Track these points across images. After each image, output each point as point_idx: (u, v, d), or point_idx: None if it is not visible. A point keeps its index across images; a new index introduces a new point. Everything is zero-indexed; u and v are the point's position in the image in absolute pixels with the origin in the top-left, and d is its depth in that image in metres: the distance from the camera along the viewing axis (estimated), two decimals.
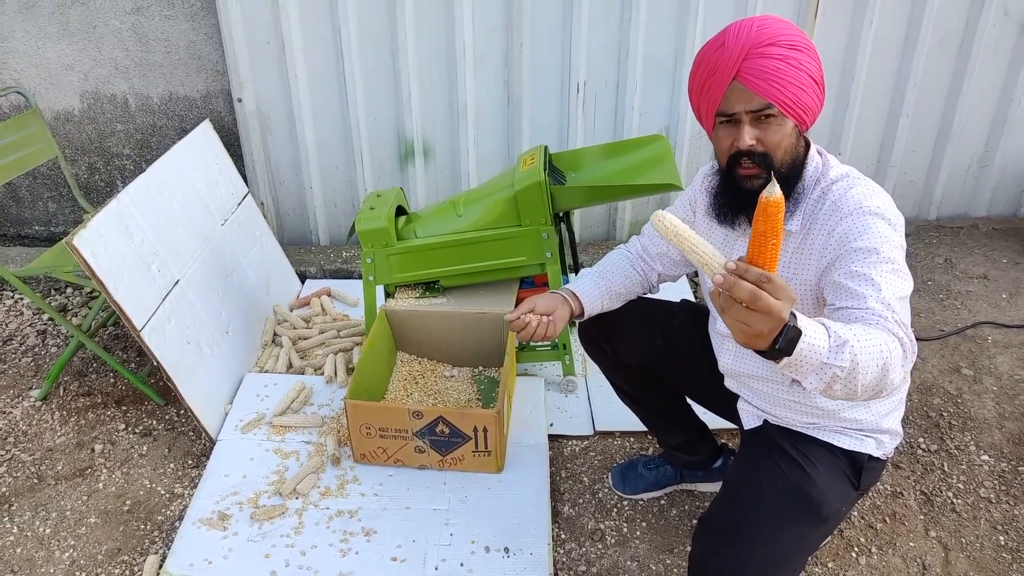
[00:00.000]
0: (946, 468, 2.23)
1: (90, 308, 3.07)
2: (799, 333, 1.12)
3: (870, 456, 1.56)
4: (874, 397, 1.26)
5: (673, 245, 1.78)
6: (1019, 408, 2.44)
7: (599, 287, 1.81)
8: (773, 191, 1.05)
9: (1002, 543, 2.00)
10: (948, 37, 3.16)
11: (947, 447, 2.30)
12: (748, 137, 1.40)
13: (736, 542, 1.44)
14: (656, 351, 1.83)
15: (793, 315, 1.13)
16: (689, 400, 2.01)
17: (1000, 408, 2.44)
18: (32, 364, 2.76)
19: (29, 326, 2.97)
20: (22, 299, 3.12)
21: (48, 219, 3.52)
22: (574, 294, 1.79)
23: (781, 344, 1.11)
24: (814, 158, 1.50)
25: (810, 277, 1.47)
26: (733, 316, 1.10)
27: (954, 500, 2.12)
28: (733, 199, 1.50)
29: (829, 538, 1.99)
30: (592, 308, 1.80)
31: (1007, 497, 2.13)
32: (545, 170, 2.23)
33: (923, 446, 2.30)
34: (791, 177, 1.47)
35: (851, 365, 1.16)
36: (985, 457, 2.26)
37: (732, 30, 1.42)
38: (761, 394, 1.65)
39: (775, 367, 1.18)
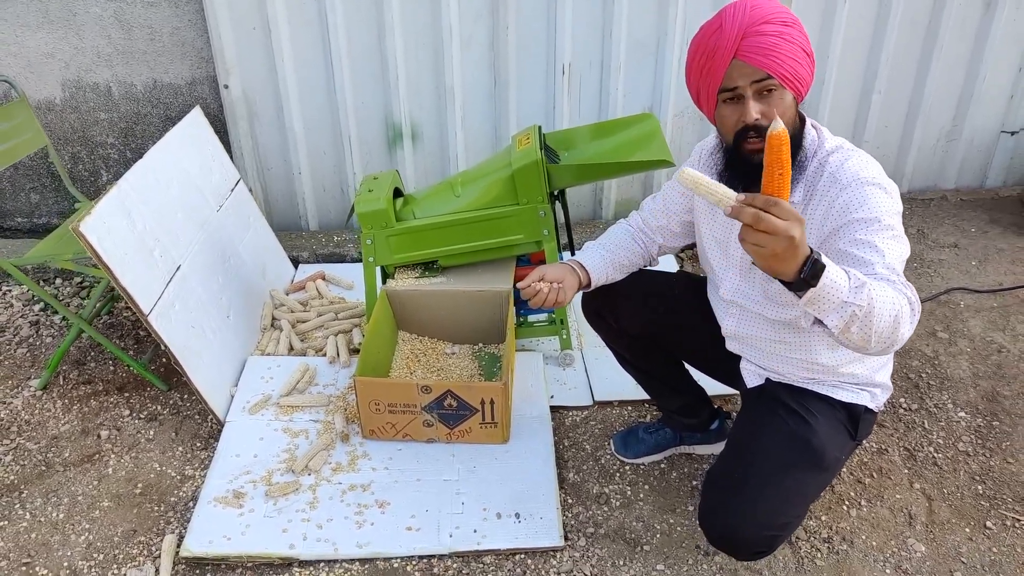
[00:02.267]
0: (926, 425, 2.35)
1: (81, 299, 3.07)
2: (823, 267, 1.24)
3: (866, 408, 1.67)
4: (885, 351, 1.36)
5: (676, 217, 1.87)
6: (991, 367, 2.58)
7: (604, 258, 1.88)
8: (777, 126, 1.18)
9: (980, 492, 2.12)
10: (917, 16, 3.28)
11: (927, 406, 2.42)
12: (754, 111, 1.47)
13: (743, 491, 1.54)
14: (657, 320, 1.91)
15: (817, 253, 1.25)
16: (688, 366, 2.10)
17: (974, 368, 2.58)
18: (28, 355, 2.76)
19: (21, 317, 2.96)
20: (11, 290, 3.11)
21: (31, 210, 3.49)
22: (581, 264, 1.87)
23: (807, 273, 1.24)
24: (810, 131, 1.59)
25: (811, 243, 1.55)
26: (748, 240, 1.23)
27: (935, 454, 2.25)
28: (742, 174, 1.55)
29: (827, 488, 2.10)
30: (598, 278, 1.88)
31: (983, 450, 2.26)
32: (541, 149, 2.29)
33: (904, 405, 2.42)
34: (796, 148, 1.54)
35: (868, 306, 1.28)
36: (962, 414, 2.39)
37: (727, 13, 1.49)
38: (764, 352, 1.74)
39: (799, 304, 1.29)
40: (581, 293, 1.99)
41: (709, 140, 1.78)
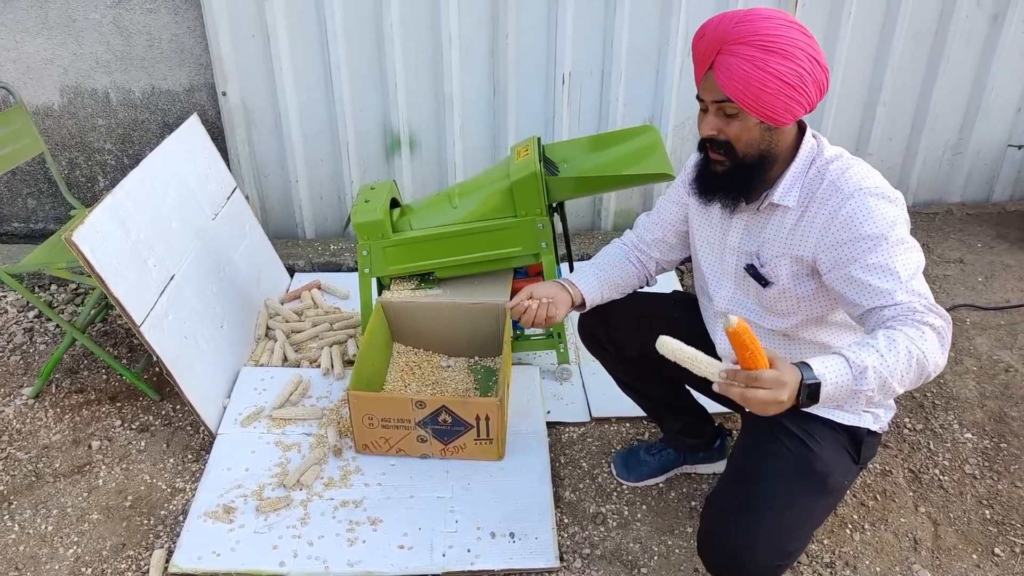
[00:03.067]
0: (932, 446, 2.30)
1: (76, 305, 3.04)
2: (819, 385, 1.27)
3: (868, 430, 1.62)
4: (924, 382, 1.38)
5: (671, 228, 1.84)
6: (998, 387, 2.53)
7: (597, 277, 1.85)
8: (730, 321, 1.22)
9: (988, 517, 2.08)
10: (923, 28, 3.24)
11: (932, 426, 2.38)
12: (707, 127, 1.48)
13: (746, 518, 1.49)
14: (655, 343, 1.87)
15: (808, 366, 1.28)
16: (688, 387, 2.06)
17: (981, 387, 2.53)
18: (21, 362, 2.73)
19: (15, 324, 2.93)
20: (5, 296, 3.08)
21: (28, 216, 3.47)
22: (572, 283, 1.83)
23: (803, 402, 1.27)
24: (809, 140, 1.55)
25: (807, 252, 1.53)
26: (740, 402, 1.26)
27: (941, 477, 2.20)
28: (706, 183, 1.59)
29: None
30: (592, 298, 1.84)
31: (990, 473, 2.21)
32: (540, 161, 2.26)
33: (909, 425, 2.38)
34: (759, 166, 1.51)
35: (879, 383, 1.30)
36: (968, 435, 2.35)
37: (713, 22, 1.46)
38: None
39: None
40: (578, 316, 1.98)
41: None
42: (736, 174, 1.53)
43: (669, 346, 1.31)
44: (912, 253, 1.42)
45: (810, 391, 1.26)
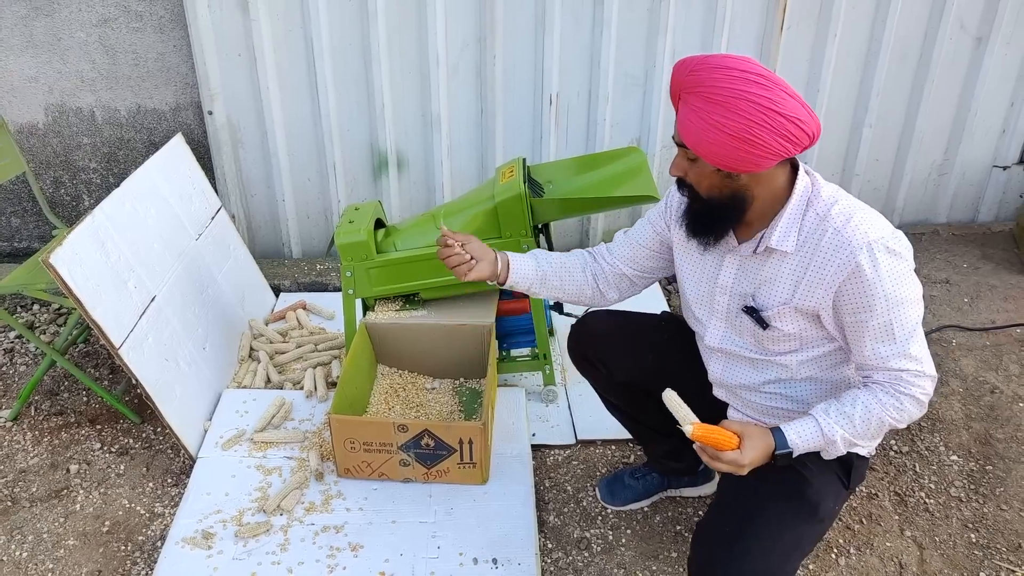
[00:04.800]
0: (918, 469, 2.29)
1: (59, 325, 3.01)
2: (790, 454, 1.47)
3: (858, 456, 1.61)
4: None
5: (643, 249, 1.82)
6: (984, 409, 2.53)
7: (538, 269, 1.81)
8: (686, 429, 1.45)
9: (974, 540, 2.06)
10: (908, 50, 3.26)
11: (918, 448, 2.37)
12: (674, 167, 1.53)
13: (737, 547, 1.47)
14: (647, 367, 1.85)
15: (781, 433, 1.47)
16: None
17: (967, 409, 2.53)
18: (0, 384, 2.70)
19: None
20: None
21: (11, 235, 3.44)
22: (508, 263, 1.78)
23: (779, 464, 1.48)
24: (803, 178, 1.50)
25: (814, 303, 1.50)
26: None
27: (927, 500, 2.19)
28: (687, 217, 1.61)
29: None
30: (516, 281, 1.79)
31: (976, 496, 2.20)
32: (525, 182, 2.25)
33: (895, 448, 2.37)
34: (728, 209, 1.50)
35: (846, 446, 1.49)
36: (954, 457, 2.34)
37: (677, 66, 1.45)
38: (750, 404, 1.69)
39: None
40: (567, 336, 1.99)
41: None
42: (705, 214, 1.53)
43: (671, 401, 1.49)
44: (913, 309, 1.45)
45: (783, 458, 1.47)
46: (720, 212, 1.51)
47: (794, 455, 1.46)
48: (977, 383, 2.64)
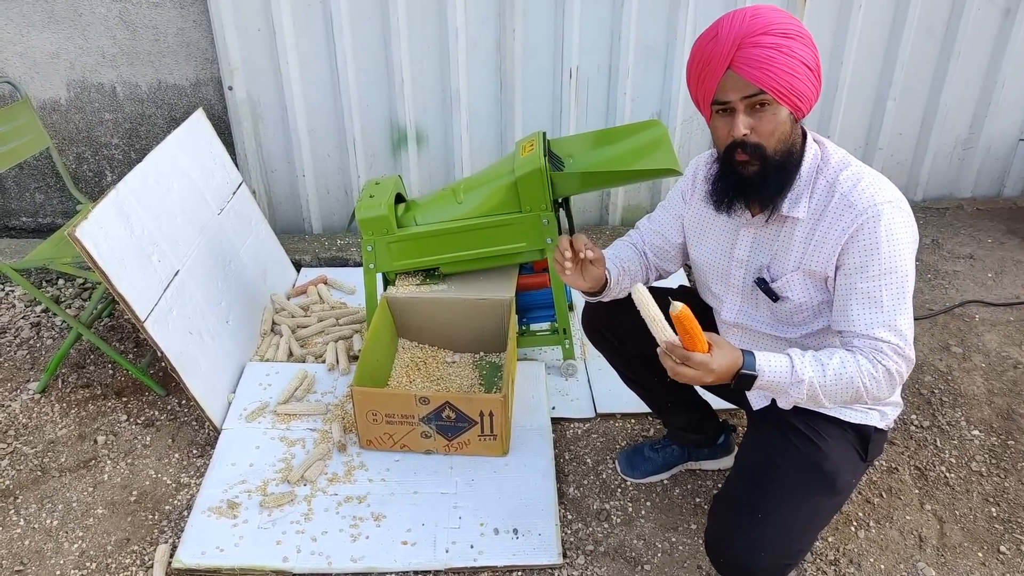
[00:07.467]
0: (939, 443, 2.29)
1: (83, 300, 3.05)
2: (753, 378, 1.41)
3: (875, 428, 1.61)
4: (855, 404, 1.53)
5: (671, 239, 1.81)
6: (1007, 384, 2.51)
7: (616, 264, 1.80)
8: (675, 307, 1.35)
9: (994, 514, 2.06)
10: (934, 22, 3.21)
11: (939, 423, 2.36)
12: (742, 126, 1.43)
13: (755, 518, 1.48)
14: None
15: (752, 356, 1.41)
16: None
17: (989, 384, 2.51)
18: (28, 357, 2.74)
19: (23, 318, 2.95)
20: (13, 291, 3.09)
21: (36, 210, 3.48)
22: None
23: (734, 387, 1.43)
24: (812, 146, 1.52)
25: (821, 265, 1.51)
26: (670, 374, 1.41)
27: (947, 474, 2.18)
28: (731, 185, 1.53)
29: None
30: (615, 283, 1.77)
31: (997, 470, 2.20)
32: (545, 156, 2.25)
33: (916, 422, 2.36)
34: (787, 164, 1.49)
35: (810, 395, 1.43)
36: (976, 432, 2.33)
37: (725, 21, 1.43)
38: None
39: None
40: (582, 310, 1.98)
41: (705, 154, 1.73)
42: (767, 174, 1.48)
43: (640, 297, 1.40)
44: (904, 281, 1.45)
45: (744, 379, 1.41)
46: (781, 170, 1.48)
47: (757, 380, 1.41)
48: (1000, 358, 2.62)
